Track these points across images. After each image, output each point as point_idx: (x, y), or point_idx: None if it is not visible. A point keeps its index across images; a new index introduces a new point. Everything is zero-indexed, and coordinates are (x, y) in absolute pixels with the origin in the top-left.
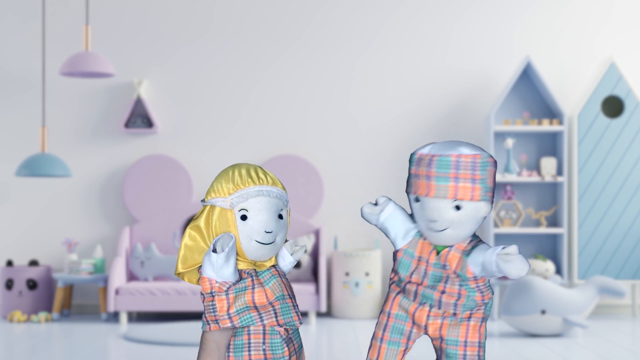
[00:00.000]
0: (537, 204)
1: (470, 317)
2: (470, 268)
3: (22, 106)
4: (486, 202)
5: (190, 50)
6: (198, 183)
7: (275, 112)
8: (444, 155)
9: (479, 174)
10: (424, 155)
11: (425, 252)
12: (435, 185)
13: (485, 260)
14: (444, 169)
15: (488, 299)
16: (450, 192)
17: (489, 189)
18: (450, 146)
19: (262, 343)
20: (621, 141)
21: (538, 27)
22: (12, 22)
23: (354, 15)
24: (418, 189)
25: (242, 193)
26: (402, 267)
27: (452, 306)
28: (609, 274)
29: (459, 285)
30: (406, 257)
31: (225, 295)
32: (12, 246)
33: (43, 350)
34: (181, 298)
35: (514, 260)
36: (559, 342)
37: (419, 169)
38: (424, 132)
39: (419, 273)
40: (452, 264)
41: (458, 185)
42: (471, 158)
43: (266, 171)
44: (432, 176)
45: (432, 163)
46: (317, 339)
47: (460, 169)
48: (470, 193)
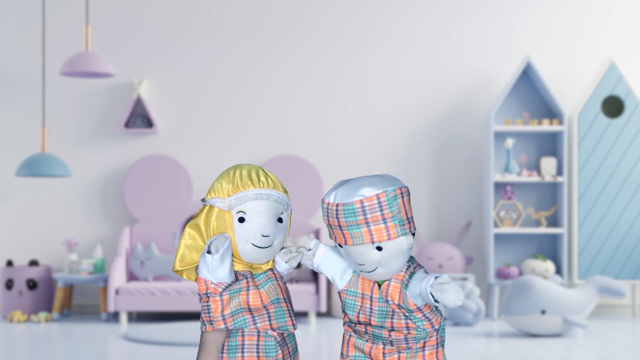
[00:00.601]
0: (537, 204)
1: (424, 347)
2: (411, 301)
3: (22, 106)
4: (405, 236)
5: (190, 50)
6: (198, 183)
7: (275, 112)
8: (347, 204)
9: (388, 212)
10: (330, 204)
11: (367, 288)
12: (349, 234)
13: (421, 292)
14: (351, 217)
15: (437, 324)
16: (366, 238)
17: (404, 221)
18: (353, 190)
19: (256, 345)
20: (621, 141)
21: (538, 27)
22: (12, 22)
23: (354, 15)
24: (336, 237)
25: (241, 195)
26: (349, 308)
27: (403, 341)
28: (609, 274)
29: (405, 319)
30: (350, 297)
31: (220, 297)
32: (12, 246)
33: (43, 350)
34: (181, 298)
35: (448, 290)
36: (559, 342)
37: (330, 219)
38: (424, 132)
39: (365, 312)
40: (394, 298)
41: (371, 229)
42: (375, 199)
43: (268, 173)
44: (343, 226)
45: (339, 213)
46: (317, 339)
47: (367, 213)
48: (386, 233)
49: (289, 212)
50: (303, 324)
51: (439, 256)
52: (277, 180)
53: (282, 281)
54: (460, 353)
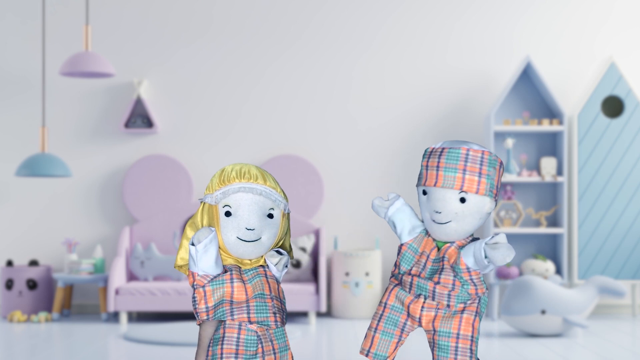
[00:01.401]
0: (537, 204)
1: (463, 310)
2: (462, 259)
3: (22, 106)
4: (490, 199)
5: (190, 50)
6: (198, 183)
7: (275, 112)
8: (454, 148)
9: (486, 169)
10: (436, 148)
11: (428, 248)
12: (443, 175)
13: (475, 249)
14: (452, 160)
15: (482, 292)
16: (457, 183)
17: (494, 186)
18: (462, 142)
19: (236, 338)
20: (621, 141)
21: (538, 27)
22: (12, 22)
23: (354, 16)
24: (427, 179)
25: (226, 189)
26: (405, 261)
27: (445, 297)
28: (609, 274)
29: (453, 276)
30: (410, 252)
31: (203, 289)
32: (12, 246)
33: (43, 350)
34: (181, 298)
35: (499, 247)
36: (559, 342)
37: (430, 160)
38: (424, 132)
39: (419, 266)
40: (450, 257)
41: (465, 177)
42: (480, 153)
43: (261, 170)
44: (441, 167)
45: (442, 155)
46: (317, 339)
47: (469, 161)
48: (476, 186)
49: (283, 209)
50: (303, 324)
51: None
52: (269, 176)
53: (272, 279)
54: None
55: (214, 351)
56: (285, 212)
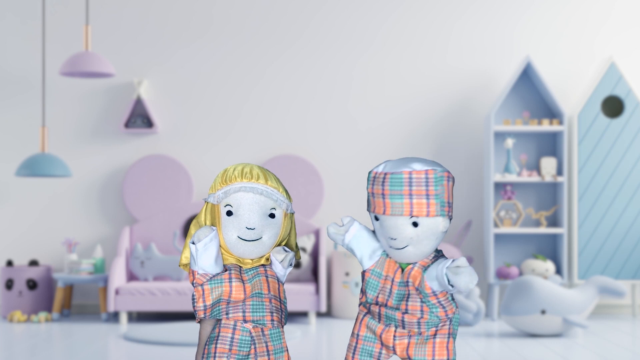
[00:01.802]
0: (537, 204)
1: (435, 335)
2: (427, 283)
3: (22, 106)
4: (443, 217)
5: (190, 50)
6: (198, 183)
7: (275, 112)
8: (396, 173)
9: (433, 189)
10: (378, 173)
11: (391, 270)
12: (390, 203)
13: (437, 273)
14: (397, 186)
15: (452, 313)
16: (406, 210)
17: (445, 203)
18: (403, 163)
19: (230, 338)
20: (621, 141)
21: (538, 27)
22: (12, 22)
23: (354, 15)
24: (375, 207)
25: (227, 189)
26: (370, 288)
27: (415, 325)
28: (609, 274)
29: (420, 302)
30: (374, 277)
31: (201, 287)
32: (12, 246)
33: (43, 350)
34: (181, 298)
35: (462, 272)
36: (559, 342)
37: (374, 187)
38: (424, 132)
39: (385, 292)
40: (415, 280)
41: (412, 202)
42: (423, 174)
43: (264, 170)
44: (386, 194)
45: (385, 181)
46: (317, 339)
47: (413, 185)
48: (426, 209)
49: (286, 209)
50: (303, 324)
51: None
52: (271, 176)
53: (273, 279)
54: (460, 353)
55: (209, 349)
56: (288, 212)
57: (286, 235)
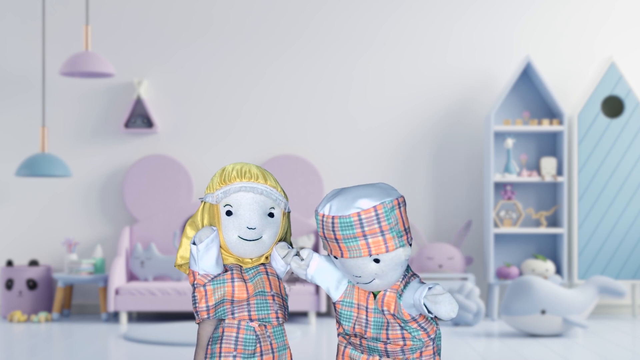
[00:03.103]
0: (537, 204)
1: (421, 357)
2: (404, 311)
3: (22, 106)
4: (403, 247)
5: (190, 50)
6: (198, 183)
7: (275, 112)
8: (343, 217)
9: (386, 223)
10: (325, 217)
11: (362, 298)
12: (346, 247)
13: (414, 302)
14: (348, 230)
15: (433, 333)
16: (364, 251)
17: (402, 232)
18: (349, 202)
19: (235, 337)
20: (621, 141)
21: (538, 27)
22: (12, 22)
23: (354, 15)
24: (332, 250)
25: (227, 189)
26: (344, 319)
27: (399, 352)
28: (609, 274)
29: (400, 329)
30: (345, 308)
31: (204, 288)
32: (12, 246)
33: (43, 350)
34: (181, 298)
35: (441, 301)
36: (559, 342)
37: (325, 232)
38: (424, 132)
39: (361, 323)
40: (389, 307)
41: (369, 242)
42: (372, 212)
43: (261, 170)
44: (339, 239)
45: (335, 226)
46: (317, 339)
47: (365, 226)
48: (384, 246)
49: (284, 208)
50: (303, 324)
51: (439, 256)
52: (269, 175)
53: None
54: (460, 353)
55: (213, 349)
56: (286, 211)
57: (284, 234)
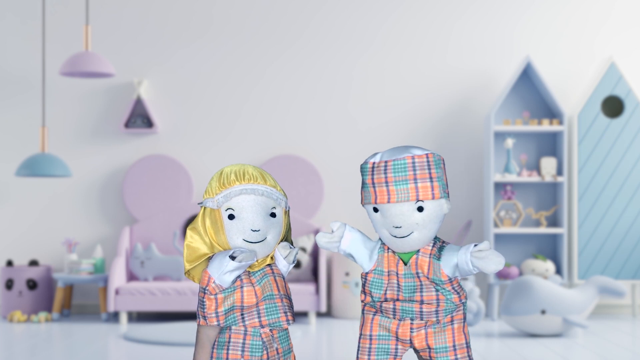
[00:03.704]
0: (537, 204)
1: (452, 321)
2: (444, 271)
3: (22, 106)
4: (446, 199)
5: (190, 50)
6: (198, 183)
7: (275, 112)
8: (398, 159)
9: (435, 171)
10: (377, 163)
11: (392, 264)
12: (395, 190)
13: (459, 261)
14: (401, 172)
15: (464, 298)
16: (412, 194)
17: (446, 185)
18: (401, 150)
19: (242, 344)
20: (621, 141)
21: (538, 27)
22: (12, 22)
23: (354, 16)
24: (377, 197)
25: (227, 192)
26: (375, 287)
27: (434, 314)
28: (609, 274)
29: (435, 291)
30: (377, 276)
31: (214, 297)
32: (12, 246)
33: (43, 350)
34: (181, 298)
35: (489, 256)
36: (559, 342)
37: (375, 177)
38: (424, 132)
39: (393, 288)
40: (424, 269)
41: (418, 186)
42: (424, 157)
43: (259, 170)
44: (390, 181)
45: (388, 169)
46: (317, 339)
47: (417, 169)
48: (431, 192)
49: (284, 207)
50: (303, 324)
51: None
52: (267, 175)
53: (280, 277)
54: None
55: (219, 355)
56: (286, 209)
57: (286, 233)
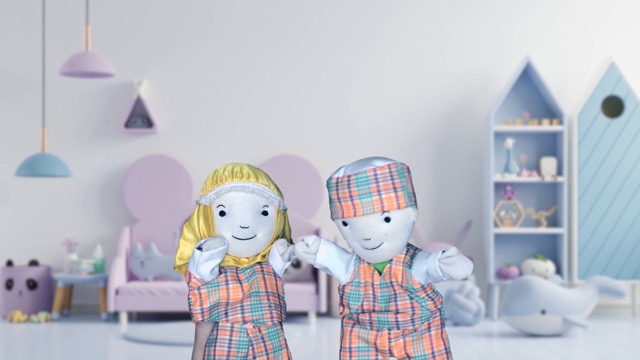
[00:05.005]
0: (537, 204)
1: (429, 328)
2: (415, 279)
3: (22, 106)
4: (413, 207)
5: (190, 50)
6: (198, 183)
7: (275, 112)
8: (360, 173)
9: (398, 181)
10: (340, 178)
11: (368, 275)
12: (360, 203)
13: (428, 268)
14: (363, 185)
15: (440, 303)
16: (377, 206)
17: (412, 194)
18: (363, 163)
19: (228, 340)
20: (621, 141)
21: (538, 27)
22: (12, 22)
23: (354, 16)
24: (344, 212)
25: (219, 189)
26: (352, 299)
27: (410, 323)
28: (609, 274)
29: (409, 299)
30: (354, 288)
31: (198, 291)
32: (12, 246)
33: (43, 350)
34: (181, 298)
35: (456, 262)
36: (559, 342)
37: (340, 192)
38: (424, 132)
39: (369, 299)
40: (397, 278)
41: (382, 198)
42: (386, 168)
43: (254, 169)
44: (354, 195)
45: (351, 183)
46: (317, 339)
47: (380, 181)
48: (396, 202)
49: (278, 206)
50: (303, 324)
51: None
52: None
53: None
54: (460, 353)
55: (209, 352)
56: (281, 208)
57: (280, 232)
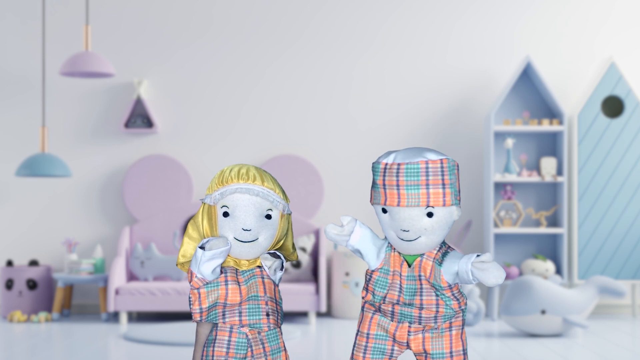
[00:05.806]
0: (537, 204)
1: (451, 327)
2: (444, 277)
3: (22, 106)
4: (457, 206)
5: (190, 50)
6: (198, 183)
7: (275, 112)
8: (411, 163)
9: (448, 178)
10: (390, 164)
11: (397, 265)
12: (406, 194)
13: (460, 269)
14: (413, 176)
15: (464, 304)
16: (422, 200)
17: (458, 192)
18: (416, 153)
19: (227, 341)
20: (621, 141)
21: (538, 27)
22: (12, 22)
23: (354, 16)
24: (387, 199)
25: (224, 190)
26: (379, 285)
27: (432, 320)
28: (609, 274)
29: (435, 296)
30: (382, 275)
31: (197, 291)
32: (12, 246)
33: (43, 350)
34: (181, 298)
35: (489, 268)
36: (559, 342)
37: (387, 178)
38: (424, 132)
39: (394, 289)
40: (426, 273)
41: (429, 192)
42: (439, 163)
43: (261, 171)
44: (401, 185)
45: (400, 172)
46: (317, 339)
47: (430, 175)
48: (442, 198)
49: (282, 210)
50: (303, 324)
51: None
52: (268, 177)
53: (269, 280)
54: None
55: (207, 352)
56: (285, 213)
57: (283, 236)
